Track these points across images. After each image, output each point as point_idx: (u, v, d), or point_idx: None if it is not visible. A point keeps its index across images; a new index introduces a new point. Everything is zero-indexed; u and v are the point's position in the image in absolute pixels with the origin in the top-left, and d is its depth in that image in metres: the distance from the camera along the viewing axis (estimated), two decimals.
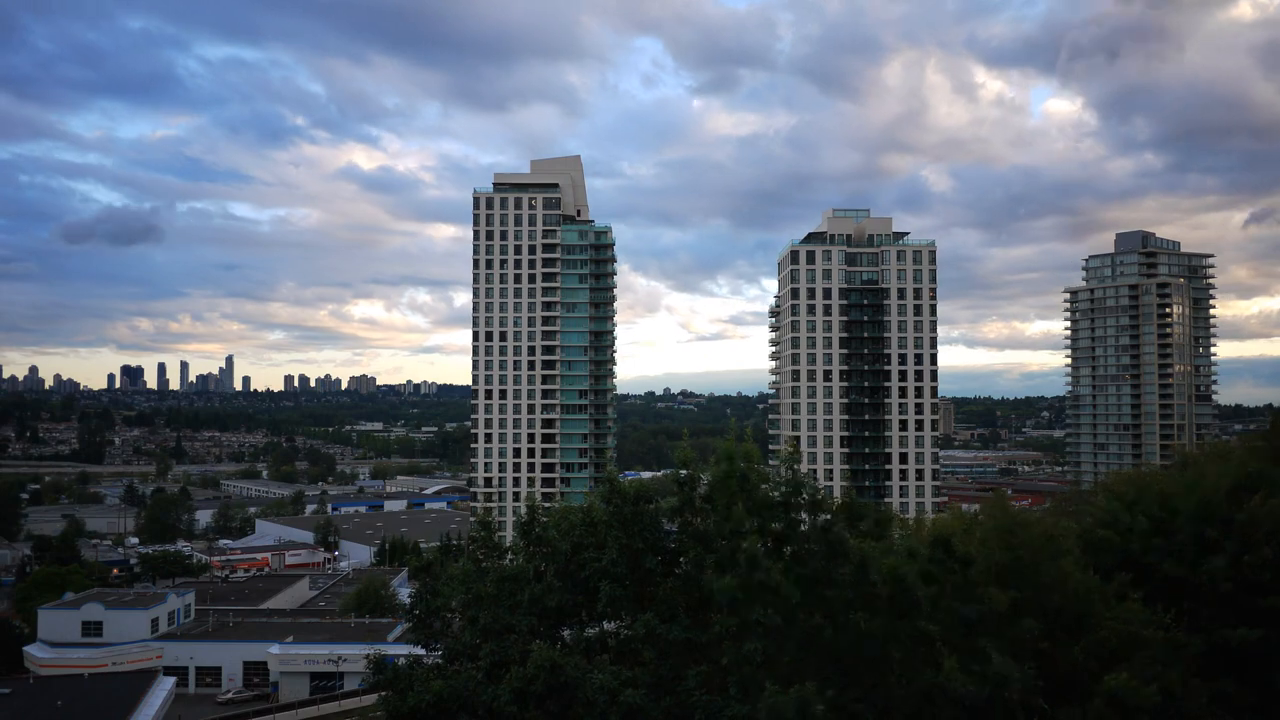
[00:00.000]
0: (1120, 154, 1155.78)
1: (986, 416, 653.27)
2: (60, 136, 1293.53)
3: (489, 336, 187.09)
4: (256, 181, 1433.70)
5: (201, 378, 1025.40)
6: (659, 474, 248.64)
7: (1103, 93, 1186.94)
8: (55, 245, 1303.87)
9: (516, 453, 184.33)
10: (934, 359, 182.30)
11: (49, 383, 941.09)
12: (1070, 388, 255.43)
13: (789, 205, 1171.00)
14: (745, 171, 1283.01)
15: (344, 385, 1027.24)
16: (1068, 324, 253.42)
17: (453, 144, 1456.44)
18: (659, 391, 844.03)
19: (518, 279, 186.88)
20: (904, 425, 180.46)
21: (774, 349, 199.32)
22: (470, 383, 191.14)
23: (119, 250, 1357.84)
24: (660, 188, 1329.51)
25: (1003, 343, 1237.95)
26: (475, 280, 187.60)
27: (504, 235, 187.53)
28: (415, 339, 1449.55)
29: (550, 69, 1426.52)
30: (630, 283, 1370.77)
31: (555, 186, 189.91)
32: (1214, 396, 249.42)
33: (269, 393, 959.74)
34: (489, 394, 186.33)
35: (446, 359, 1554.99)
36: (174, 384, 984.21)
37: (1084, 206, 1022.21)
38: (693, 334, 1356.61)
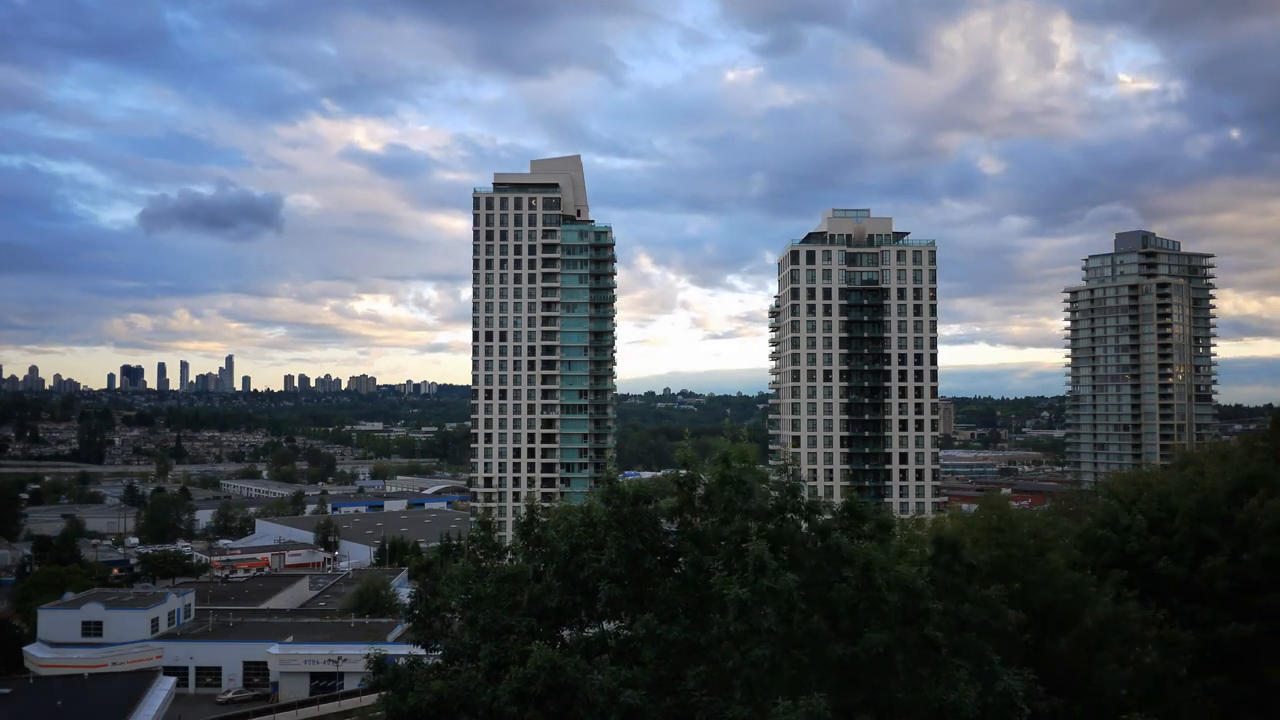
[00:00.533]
0: (1202, 129, 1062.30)
1: (987, 416, 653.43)
2: (41, 108, 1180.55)
3: (489, 336, 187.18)
4: (257, 165, 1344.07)
5: (201, 378, 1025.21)
6: (659, 474, 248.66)
7: (1196, 57, 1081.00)
8: (48, 237, 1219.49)
9: (516, 453, 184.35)
10: (934, 359, 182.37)
11: (49, 383, 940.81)
12: (1070, 388, 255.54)
13: (831, 189, 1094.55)
14: (790, 149, 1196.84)
15: (344, 385, 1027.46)
16: (1068, 324, 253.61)
17: (474, 122, 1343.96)
18: (659, 391, 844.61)
19: (518, 279, 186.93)
20: (904, 425, 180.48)
21: (774, 349, 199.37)
22: (470, 383, 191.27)
23: (115, 244, 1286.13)
24: (698, 168, 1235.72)
25: (1024, 340, 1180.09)
26: (475, 280, 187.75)
27: (504, 235, 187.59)
28: (422, 336, 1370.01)
29: (590, 25, 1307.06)
30: (647, 277, 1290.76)
31: (555, 186, 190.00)
32: (1214, 396, 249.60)
33: (269, 393, 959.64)
34: (489, 394, 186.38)
35: (453, 357, 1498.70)
36: (174, 384, 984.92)
37: (1147, 192, 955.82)
38: (707, 331, 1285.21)
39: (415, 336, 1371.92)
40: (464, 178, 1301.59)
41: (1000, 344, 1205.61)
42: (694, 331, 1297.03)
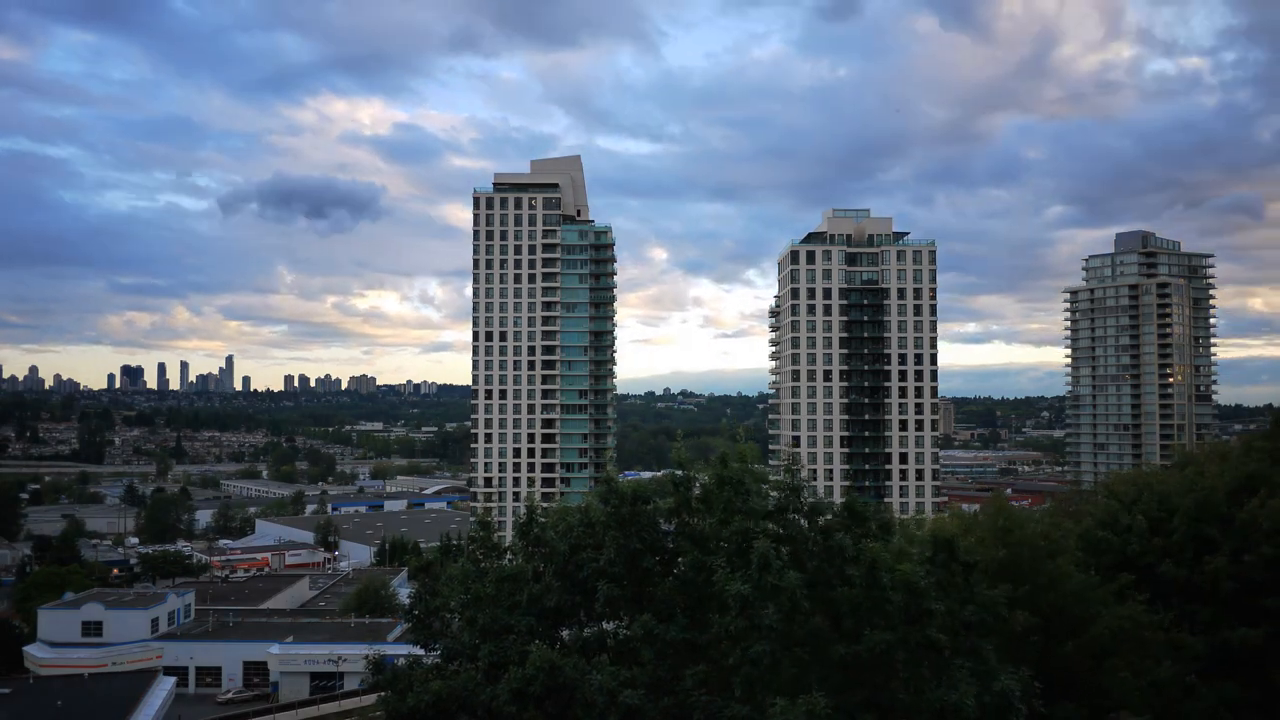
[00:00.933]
0: (1277, 108, 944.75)
1: (986, 416, 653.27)
2: (27, 84, 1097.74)
3: (489, 336, 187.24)
4: (258, 149, 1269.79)
5: (201, 377, 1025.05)
6: (658, 474, 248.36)
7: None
8: (34, 226, 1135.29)
9: (516, 453, 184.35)
10: (934, 359, 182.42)
11: (49, 383, 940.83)
12: (1070, 388, 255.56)
13: (866, 176, 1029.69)
14: (827, 131, 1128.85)
15: (344, 385, 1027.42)
16: (1068, 324, 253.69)
17: (491, 104, 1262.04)
18: (660, 391, 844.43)
19: (518, 279, 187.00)
20: (904, 425, 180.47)
21: (774, 349, 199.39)
22: (470, 383, 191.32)
23: (105, 238, 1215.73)
24: (729, 151, 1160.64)
25: (1043, 339, 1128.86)
26: (475, 280, 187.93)
27: (504, 235, 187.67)
28: (427, 335, 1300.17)
29: None
30: (661, 273, 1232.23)
31: (555, 186, 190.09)
32: (1214, 396, 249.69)
33: (269, 393, 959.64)
34: (489, 394, 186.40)
35: (456, 356, 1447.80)
36: (174, 384, 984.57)
37: (1203, 180, 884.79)
38: (720, 330, 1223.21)
39: (420, 335, 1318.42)
40: (479, 164, 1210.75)
41: (1016, 343, 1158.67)
42: (706, 330, 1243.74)
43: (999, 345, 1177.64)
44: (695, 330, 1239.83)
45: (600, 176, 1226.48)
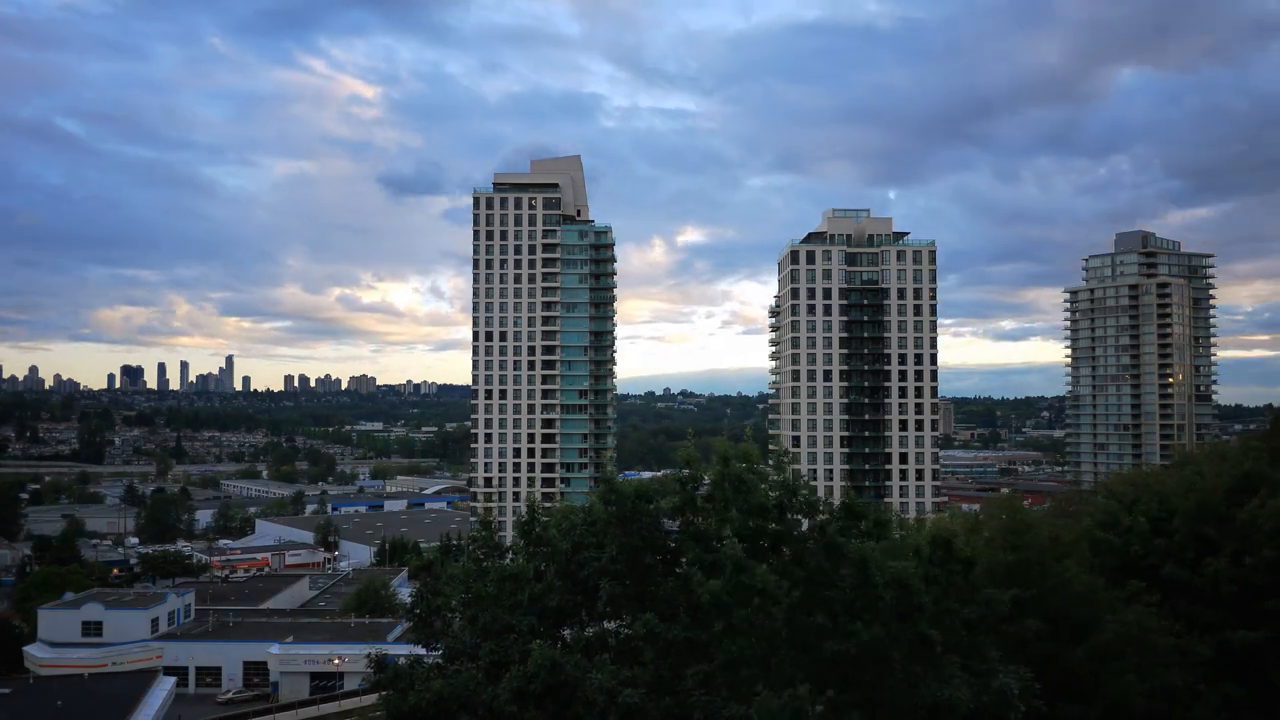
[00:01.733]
0: None
1: (986, 416, 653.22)
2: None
3: (489, 336, 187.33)
4: (253, 122, 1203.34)
5: (201, 377, 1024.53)
6: (659, 474, 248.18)
7: None
8: (16, 208, 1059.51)
9: (516, 453, 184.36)
10: (934, 359, 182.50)
11: (49, 383, 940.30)
12: (1070, 388, 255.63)
13: (950, 145, 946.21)
14: (920, 86, 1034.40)
15: (344, 385, 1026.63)
16: (1068, 324, 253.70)
17: (529, 56, 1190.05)
18: (660, 391, 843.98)
19: (518, 279, 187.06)
20: (904, 425, 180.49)
21: (774, 349, 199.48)
22: (470, 382, 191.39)
23: (90, 220, 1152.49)
24: (803, 110, 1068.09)
25: None
26: (475, 280, 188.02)
27: (504, 235, 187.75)
28: (435, 332, 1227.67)
29: None
30: (687, 261, 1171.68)
31: (555, 186, 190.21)
32: (1214, 396, 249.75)
33: (269, 392, 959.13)
34: (489, 394, 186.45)
35: (460, 354, 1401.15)
36: (174, 384, 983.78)
37: None
38: (749, 325, 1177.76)
39: (428, 332, 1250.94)
40: (512, 128, 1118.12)
41: (1055, 339, 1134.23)
42: (731, 326, 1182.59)
43: (1036, 342, 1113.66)
44: (719, 326, 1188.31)
45: (646, 143, 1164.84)
